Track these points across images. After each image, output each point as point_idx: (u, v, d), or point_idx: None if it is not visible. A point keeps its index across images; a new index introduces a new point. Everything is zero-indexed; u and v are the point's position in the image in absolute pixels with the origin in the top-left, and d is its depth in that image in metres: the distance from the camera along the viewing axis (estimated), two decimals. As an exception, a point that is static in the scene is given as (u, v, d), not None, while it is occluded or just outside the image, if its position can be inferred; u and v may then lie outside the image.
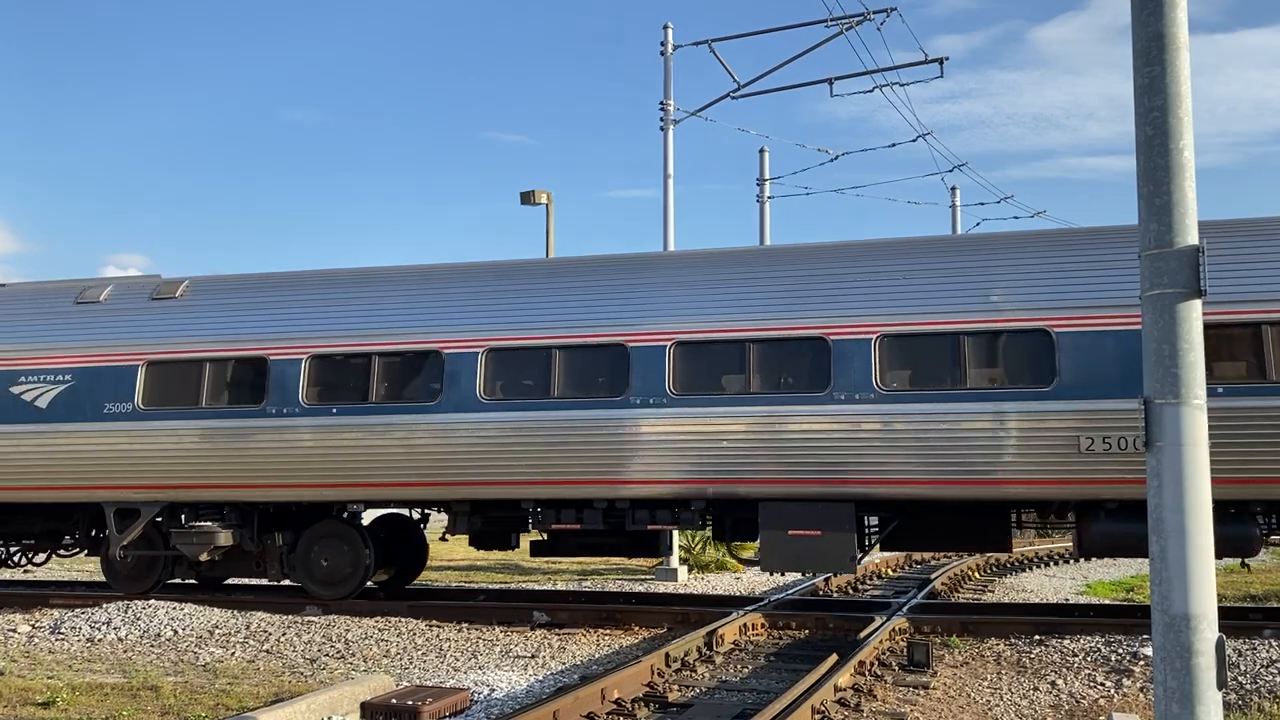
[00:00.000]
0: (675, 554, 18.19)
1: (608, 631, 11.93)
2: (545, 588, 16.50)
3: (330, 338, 12.89)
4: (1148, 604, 4.92)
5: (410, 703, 7.83)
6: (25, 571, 15.11)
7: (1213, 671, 4.64)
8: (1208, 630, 4.66)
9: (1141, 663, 9.40)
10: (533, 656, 10.34)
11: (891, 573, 18.73)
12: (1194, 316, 4.82)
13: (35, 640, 11.46)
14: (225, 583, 15.50)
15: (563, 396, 12.01)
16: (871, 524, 12.32)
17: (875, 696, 8.38)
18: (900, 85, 19.71)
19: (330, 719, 7.56)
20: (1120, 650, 9.90)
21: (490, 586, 16.28)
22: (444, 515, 13.54)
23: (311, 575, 13.35)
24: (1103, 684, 8.92)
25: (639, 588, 16.54)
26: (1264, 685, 8.59)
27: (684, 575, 18.18)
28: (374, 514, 14.50)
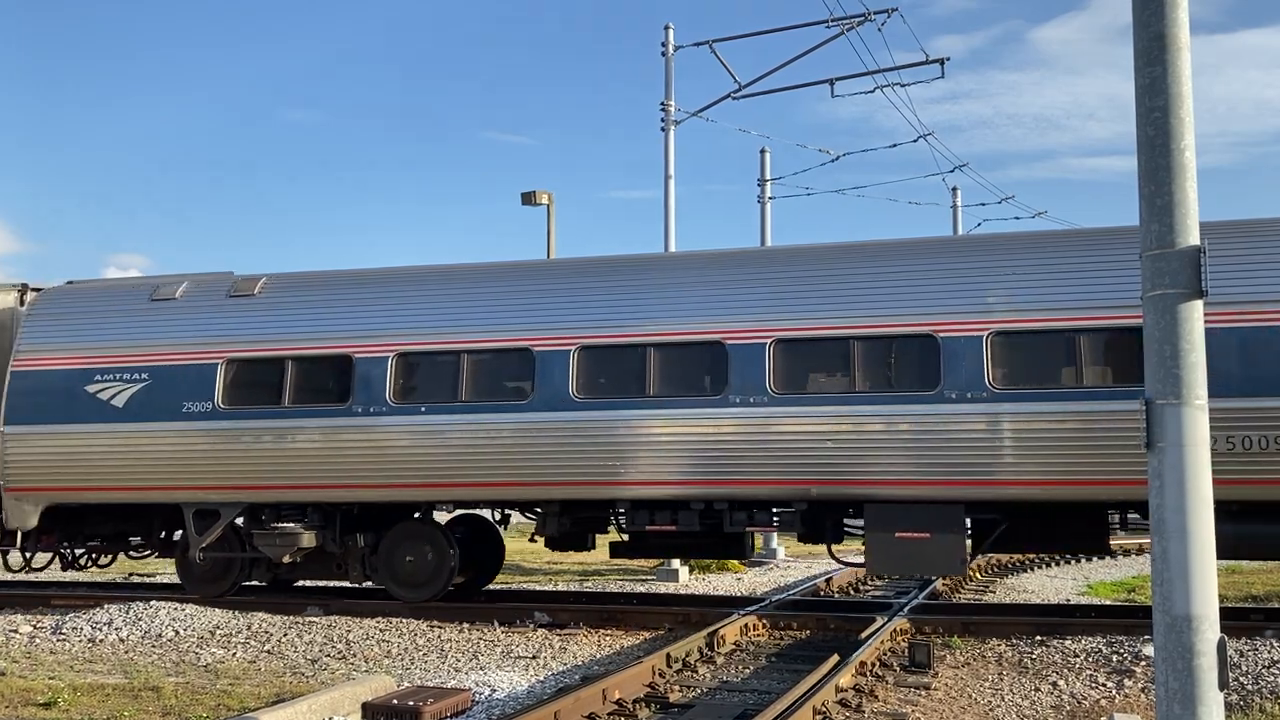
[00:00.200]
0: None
1: (609, 632, 11.93)
2: (547, 588, 16.50)
3: (418, 335, 12.64)
4: (1149, 604, 4.92)
5: (411, 703, 7.83)
6: (86, 570, 15.03)
7: (1214, 672, 4.64)
8: (1209, 631, 4.67)
9: (1143, 663, 9.40)
10: (534, 657, 10.34)
11: (892, 573, 18.70)
12: (1195, 317, 4.82)
13: (36, 641, 11.47)
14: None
15: (658, 395, 11.78)
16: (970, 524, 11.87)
17: (876, 697, 8.38)
18: (901, 86, 19.73)
19: (331, 719, 7.57)
20: (1122, 651, 9.89)
21: (491, 587, 16.28)
22: (521, 517, 13.26)
23: (395, 577, 13.09)
24: (1104, 685, 8.92)
25: (640, 588, 16.54)
26: (1265, 686, 8.59)
27: (685, 576, 18.19)
28: (448, 515, 14.20)
